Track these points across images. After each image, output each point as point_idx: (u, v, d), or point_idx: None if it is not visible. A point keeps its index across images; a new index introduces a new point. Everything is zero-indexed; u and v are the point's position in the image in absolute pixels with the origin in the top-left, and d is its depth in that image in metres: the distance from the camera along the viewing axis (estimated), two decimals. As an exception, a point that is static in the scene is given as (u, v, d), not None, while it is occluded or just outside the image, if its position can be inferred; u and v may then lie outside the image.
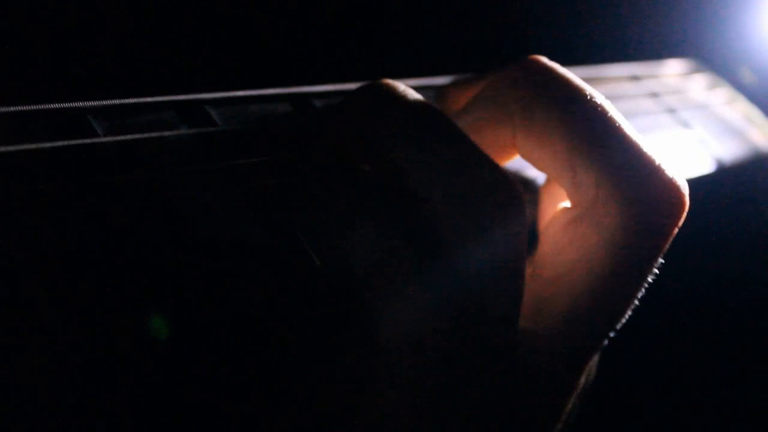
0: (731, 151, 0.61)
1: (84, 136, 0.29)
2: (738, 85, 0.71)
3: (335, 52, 0.49)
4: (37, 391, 0.27)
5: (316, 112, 0.36)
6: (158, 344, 0.27)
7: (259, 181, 0.31)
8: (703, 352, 0.70)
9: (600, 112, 0.33)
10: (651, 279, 0.33)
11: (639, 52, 0.65)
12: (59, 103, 0.30)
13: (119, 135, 0.30)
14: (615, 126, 0.33)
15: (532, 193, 0.39)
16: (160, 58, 0.41)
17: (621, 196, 0.31)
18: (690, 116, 0.61)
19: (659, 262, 0.33)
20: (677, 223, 0.33)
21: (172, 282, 0.27)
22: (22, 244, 0.25)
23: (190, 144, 0.32)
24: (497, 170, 0.31)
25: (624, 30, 0.67)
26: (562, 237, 0.33)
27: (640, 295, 0.33)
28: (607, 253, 0.32)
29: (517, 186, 0.31)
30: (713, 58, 0.71)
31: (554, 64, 0.34)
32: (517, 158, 0.36)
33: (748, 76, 0.71)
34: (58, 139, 0.29)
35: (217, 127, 0.33)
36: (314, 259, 0.30)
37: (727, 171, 0.58)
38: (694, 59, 0.70)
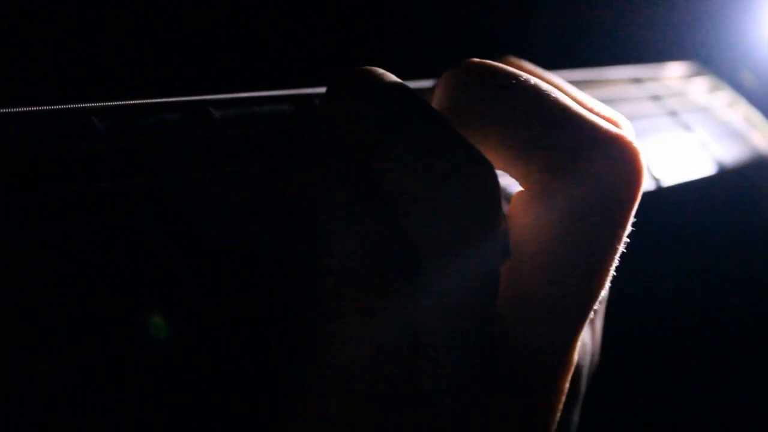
0: (732, 153, 0.61)
1: (86, 138, 0.29)
2: (739, 88, 0.71)
3: (337, 54, 0.49)
4: (37, 392, 0.27)
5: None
6: (159, 347, 0.27)
7: (261, 184, 0.31)
8: (703, 353, 0.70)
9: (529, 94, 0.32)
10: (622, 249, 0.33)
11: (640, 55, 0.65)
12: (62, 104, 0.30)
13: (121, 137, 0.30)
14: (549, 104, 0.32)
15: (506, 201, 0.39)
16: (164, 59, 0.41)
17: (565, 170, 0.31)
18: (691, 119, 0.61)
19: (626, 229, 0.32)
20: (634, 186, 0.32)
21: (173, 285, 0.27)
22: (23, 248, 0.25)
23: (192, 146, 0.32)
24: (465, 144, 0.30)
25: (626, 33, 0.68)
26: (522, 220, 0.32)
27: (611, 267, 0.32)
28: (564, 229, 0.31)
29: (486, 159, 0.30)
30: (714, 61, 0.71)
31: (486, 62, 0.33)
32: None
33: (749, 79, 0.71)
34: (60, 141, 0.29)
35: (218, 129, 0.33)
36: (314, 260, 0.30)
37: (728, 173, 0.58)
38: (695, 62, 0.70)
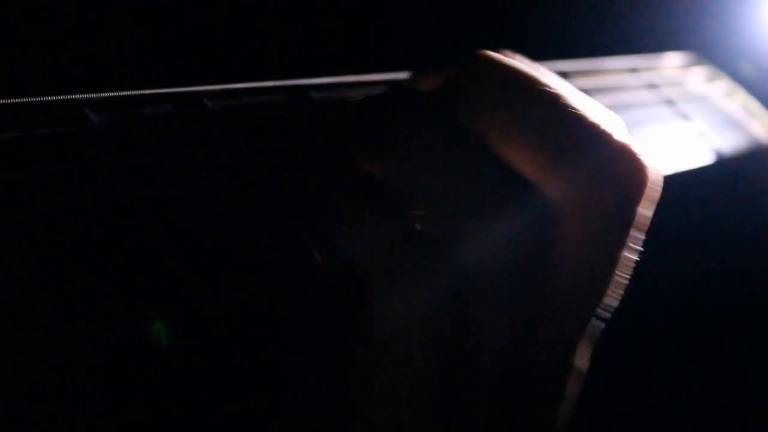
0: (730, 142, 0.61)
1: (82, 130, 0.29)
2: (737, 77, 0.71)
3: (333, 45, 0.49)
4: (35, 390, 0.27)
5: (317, 103, 0.36)
6: (156, 344, 0.27)
7: (259, 174, 0.31)
8: (701, 344, 0.70)
9: (541, 99, 0.31)
10: (632, 257, 0.33)
11: (638, 46, 0.65)
12: (56, 95, 0.30)
13: (116, 128, 0.30)
14: (554, 111, 0.31)
15: None
16: (159, 50, 0.41)
17: (565, 186, 0.31)
18: (689, 108, 0.61)
19: (628, 237, 0.32)
20: (636, 194, 0.31)
21: (171, 280, 0.27)
22: (13, 238, 0.25)
23: (189, 138, 0.32)
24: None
25: (623, 23, 0.68)
26: None
27: (611, 275, 0.32)
28: (567, 236, 0.31)
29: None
30: (712, 51, 0.71)
31: (496, 57, 0.32)
32: None
33: (747, 68, 0.71)
34: (55, 134, 0.29)
35: (213, 119, 0.33)
36: (315, 255, 0.30)
37: (727, 162, 0.58)
38: (693, 52, 0.70)
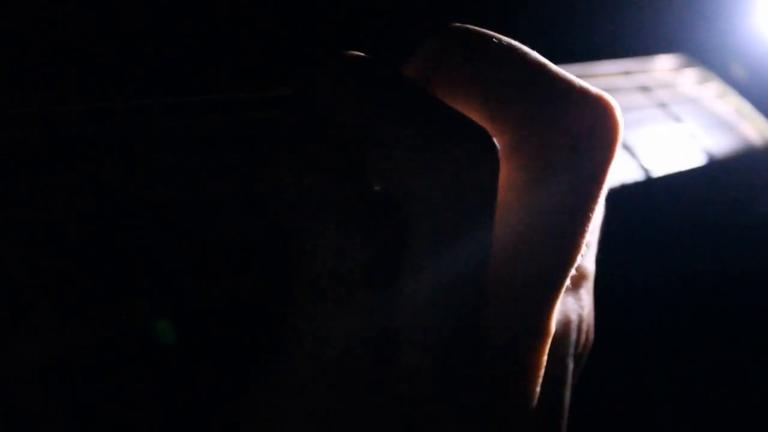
0: (722, 144, 0.61)
1: (78, 137, 0.30)
2: (728, 79, 0.71)
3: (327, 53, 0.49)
4: (37, 391, 0.27)
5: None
6: (153, 341, 0.27)
7: (254, 178, 0.31)
8: (692, 344, 0.71)
9: (509, 54, 0.31)
10: (598, 215, 0.32)
11: (630, 49, 0.65)
12: (54, 104, 0.30)
13: (112, 136, 0.31)
14: (524, 61, 0.31)
15: None
16: (154, 60, 0.41)
17: (540, 122, 0.30)
18: (681, 110, 0.61)
19: (601, 189, 0.31)
20: (610, 142, 0.31)
21: (167, 279, 0.27)
22: (15, 241, 0.25)
23: (188, 141, 0.32)
24: (456, 111, 0.29)
25: (615, 26, 0.68)
26: (501, 171, 0.31)
27: (585, 229, 0.31)
28: (536, 185, 0.31)
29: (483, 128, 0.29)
30: (704, 53, 0.72)
31: (466, 27, 0.32)
32: None
33: (738, 70, 0.72)
34: (52, 140, 0.29)
35: (215, 126, 0.33)
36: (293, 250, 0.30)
37: (718, 164, 0.59)
38: (684, 54, 0.71)
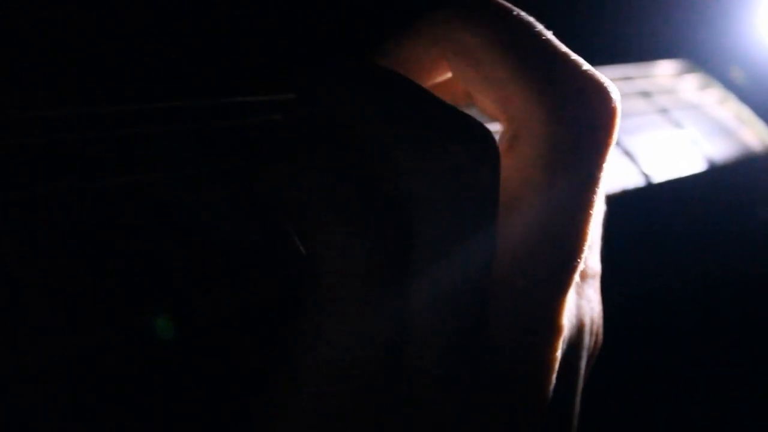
0: (723, 150, 0.61)
1: (79, 141, 0.30)
2: (729, 85, 0.71)
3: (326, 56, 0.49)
4: (37, 391, 0.27)
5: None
6: (156, 344, 0.27)
7: (256, 179, 0.31)
8: (693, 350, 0.71)
9: (526, 28, 0.32)
10: (600, 195, 0.32)
11: (631, 54, 0.65)
12: (56, 108, 0.30)
13: (116, 137, 0.31)
14: (539, 39, 0.32)
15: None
16: (154, 64, 0.41)
17: (546, 106, 0.31)
18: (682, 116, 0.61)
19: (601, 176, 0.32)
20: (609, 127, 0.31)
21: (169, 282, 0.27)
22: (19, 246, 0.25)
23: (186, 145, 0.32)
24: (455, 109, 0.29)
25: (616, 32, 0.68)
26: (504, 161, 0.32)
27: (590, 218, 0.32)
28: (543, 166, 0.31)
29: (482, 125, 0.29)
30: (705, 59, 0.72)
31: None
32: None
33: (739, 76, 0.72)
34: (54, 143, 0.29)
35: (215, 130, 0.33)
36: (302, 251, 0.30)
37: (719, 170, 0.59)
38: (685, 60, 0.71)
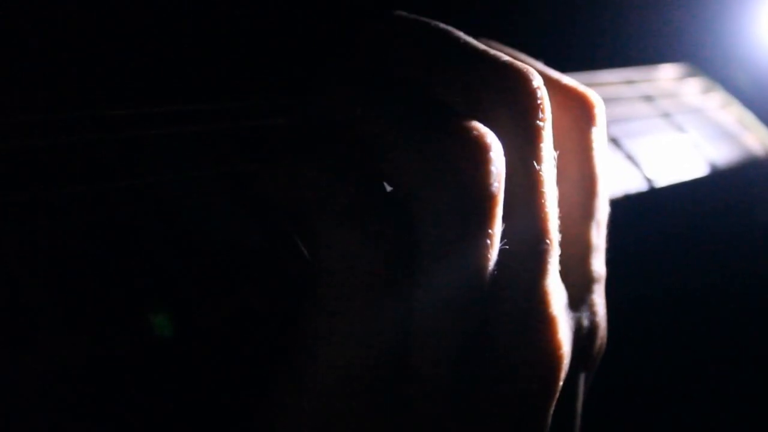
0: (725, 154, 0.61)
1: (83, 143, 0.30)
2: (732, 89, 0.71)
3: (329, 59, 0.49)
4: (37, 391, 0.27)
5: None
6: (158, 345, 0.27)
7: (260, 180, 0.31)
8: (696, 353, 0.70)
9: (440, 36, 0.32)
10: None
11: (634, 58, 0.65)
12: (60, 111, 0.31)
13: (117, 139, 0.31)
14: (455, 43, 0.32)
15: None
16: (159, 68, 0.42)
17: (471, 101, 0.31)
18: (684, 120, 0.61)
19: (548, 153, 0.32)
20: (535, 108, 0.32)
21: (171, 283, 0.27)
22: (22, 247, 0.25)
23: (188, 148, 0.32)
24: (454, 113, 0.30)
25: (618, 36, 0.68)
26: None
27: (544, 196, 0.32)
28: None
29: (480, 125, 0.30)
30: (707, 63, 0.72)
31: (403, 15, 0.34)
32: None
33: (742, 80, 0.72)
34: (57, 146, 0.29)
35: (214, 132, 0.33)
36: (304, 252, 0.30)
37: (721, 174, 0.59)
38: (688, 64, 0.71)
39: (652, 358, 0.70)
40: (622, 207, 0.36)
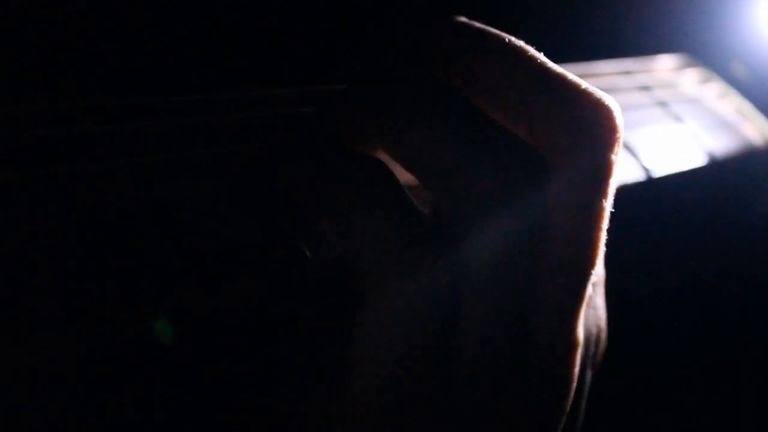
0: (723, 144, 0.61)
1: (82, 138, 0.30)
2: (730, 79, 0.71)
3: (335, 51, 0.49)
4: (37, 390, 0.27)
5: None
6: (156, 343, 0.27)
7: (252, 172, 0.31)
8: (695, 345, 0.71)
9: (516, 54, 0.33)
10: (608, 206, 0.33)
11: (631, 48, 0.65)
12: (55, 101, 0.30)
13: (114, 131, 0.31)
14: (529, 62, 0.33)
15: None
16: (160, 56, 0.41)
17: (539, 127, 0.31)
18: (682, 110, 0.61)
19: (606, 194, 0.33)
20: (608, 145, 0.32)
21: (169, 281, 0.27)
22: (19, 245, 0.25)
23: (184, 140, 0.32)
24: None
25: (616, 26, 0.68)
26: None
27: (601, 233, 0.32)
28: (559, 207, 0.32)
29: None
30: (705, 53, 0.72)
31: (478, 26, 0.34)
32: None
33: (740, 70, 0.72)
34: (53, 137, 0.29)
35: (216, 126, 0.33)
36: (306, 252, 0.30)
37: (719, 164, 0.59)
38: (686, 54, 0.71)
39: (648, 350, 0.70)
40: (619, 197, 0.36)
